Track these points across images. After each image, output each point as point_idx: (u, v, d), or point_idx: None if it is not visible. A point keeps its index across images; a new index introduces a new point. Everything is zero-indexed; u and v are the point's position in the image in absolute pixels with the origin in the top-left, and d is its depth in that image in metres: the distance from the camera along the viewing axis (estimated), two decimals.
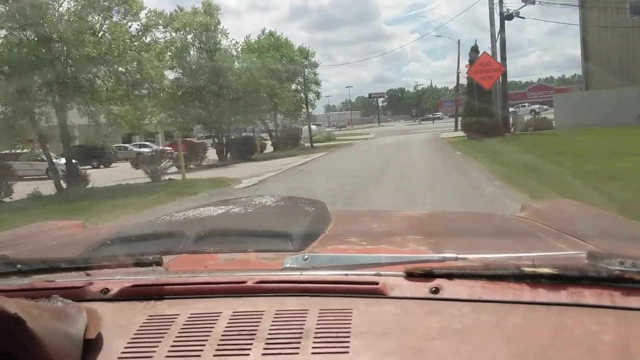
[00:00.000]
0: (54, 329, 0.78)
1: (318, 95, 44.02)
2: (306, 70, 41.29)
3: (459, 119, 37.43)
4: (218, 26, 27.71)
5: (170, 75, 27.30)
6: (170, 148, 37.80)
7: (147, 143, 46.57)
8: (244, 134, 32.41)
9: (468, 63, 29.55)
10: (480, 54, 27.72)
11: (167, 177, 17.99)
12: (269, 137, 39.36)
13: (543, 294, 0.91)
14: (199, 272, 1.09)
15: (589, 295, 0.89)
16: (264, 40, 32.22)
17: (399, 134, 47.74)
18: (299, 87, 40.90)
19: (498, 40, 27.98)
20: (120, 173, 19.97)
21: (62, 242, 1.91)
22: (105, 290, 1.03)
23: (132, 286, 1.03)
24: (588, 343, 0.79)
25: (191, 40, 27.25)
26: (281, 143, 37.72)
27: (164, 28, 26.18)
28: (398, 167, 17.40)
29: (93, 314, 0.90)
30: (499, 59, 27.25)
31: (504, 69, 27.11)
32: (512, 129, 28.87)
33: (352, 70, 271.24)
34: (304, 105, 41.26)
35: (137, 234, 1.55)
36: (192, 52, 27.41)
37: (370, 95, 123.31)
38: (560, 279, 0.92)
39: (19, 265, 1.12)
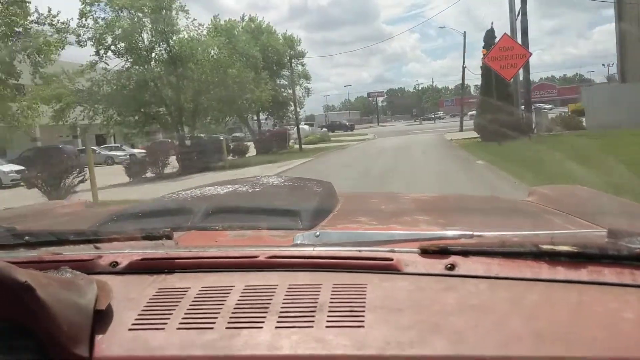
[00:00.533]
0: (63, 299, 0.79)
1: (308, 91, 39.09)
2: (296, 63, 36.23)
3: (466, 118, 32.59)
4: (174, 2, 22.23)
5: (118, 64, 22.20)
6: (145, 151, 32.41)
7: (118, 145, 41.75)
8: (208, 136, 26.78)
9: (484, 49, 24.42)
10: (499, 37, 22.59)
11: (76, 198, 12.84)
12: (252, 140, 34.49)
13: (562, 272, 0.90)
14: (210, 247, 1.10)
15: (609, 274, 0.89)
16: (234, 22, 25.85)
17: (399, 135, 43.19)
18: (282, 80, 35.82)
19: (519, 19, 22.83)
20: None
21: (70, 218, 1.90)
22: (114, 264, 1.03)
23: (142, 259, 1.03)
24: (609, 321, 0.79)
25: (140, 18, 21.76)
26: (265, 146, 32.79)
27: (107, 5, 21.27)
28: (400, 186, 12.28)
29: (103, 285, 0.90)
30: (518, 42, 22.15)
31: (530, 54, 22.00)
32: (535, 130, 23.80)
33: (352, 70, 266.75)
34: (292, 103, 36.10)
35: (146, 210, 1.53)
36: (143, 35, 22.02)
37: (369, 94, 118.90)
38: (579, 257, 0.91)
39: (27, 237, 1.12)
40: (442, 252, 0.96)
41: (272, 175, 1.80)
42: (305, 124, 57.18)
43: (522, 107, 24.16)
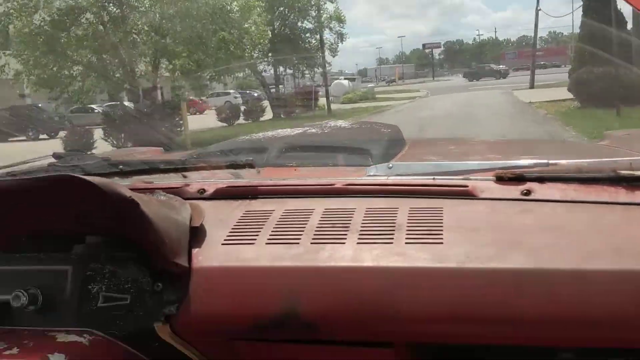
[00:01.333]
0: (163, 215, 0.85)
1: (341, 37, 30.91)
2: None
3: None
4: None
5: None
6: None
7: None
8: (167, 101, 18.93)
9: None
10: None
11: None
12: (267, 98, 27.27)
13: None
14: (289, 177, 1.16)
15: None
16: None
17: (456, 92, 34.71)
18: (306, 23, 28.01)
19: None
20: None
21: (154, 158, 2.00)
22: (202, 191, 1.08)
23: (227, 187, 1.09)
24: None
25: None
26: (286, 108, 25.56)
27: None
28: None
29: (196, 207, 0.97)
30: None
31: None
32: None
33: (408, 22, 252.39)
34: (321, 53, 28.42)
35: (225, 148, 1.67)
36: None
37: (424, 45, 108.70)
38: None
39: (121, 166, 1.17)
40: (517, 179, 0.96)
41: (340, 120, 1.67)
42: (345, 79, 49.10)
43: None
